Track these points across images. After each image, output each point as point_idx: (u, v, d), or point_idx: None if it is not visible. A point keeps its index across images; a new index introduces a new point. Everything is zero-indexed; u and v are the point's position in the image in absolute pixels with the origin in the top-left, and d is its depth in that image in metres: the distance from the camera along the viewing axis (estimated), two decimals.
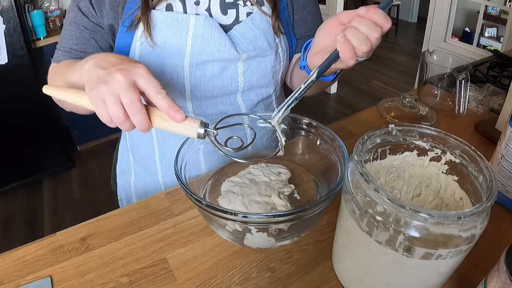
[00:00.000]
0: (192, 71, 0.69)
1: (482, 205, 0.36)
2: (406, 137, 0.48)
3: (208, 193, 0.63)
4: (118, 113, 0.45)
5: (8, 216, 2.15)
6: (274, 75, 0.76)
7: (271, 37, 0.72)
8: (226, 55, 0.69)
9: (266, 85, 0.77)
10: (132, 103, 0.44)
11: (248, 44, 0.70)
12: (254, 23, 0.70)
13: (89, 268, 0.54)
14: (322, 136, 0.62)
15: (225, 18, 0.70)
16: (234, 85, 0.73)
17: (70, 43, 0.69)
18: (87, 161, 2.58)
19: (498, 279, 0.37)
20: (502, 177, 0.60)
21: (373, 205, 0.39)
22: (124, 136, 0.87)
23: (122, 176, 0.89)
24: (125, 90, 0.44)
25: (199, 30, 0.66)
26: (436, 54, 0.93)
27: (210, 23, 0.67)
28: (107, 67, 0.47)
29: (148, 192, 0.83)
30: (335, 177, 0.56)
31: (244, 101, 0.76)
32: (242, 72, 0.72)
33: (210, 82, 0.71)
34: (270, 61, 0.74)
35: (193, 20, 0.66)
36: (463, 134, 0.81)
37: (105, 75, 0.46)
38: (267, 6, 0.71)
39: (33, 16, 2.13)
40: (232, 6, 0.70)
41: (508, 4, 3.00)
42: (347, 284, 0.50)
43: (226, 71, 0.71)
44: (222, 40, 0.68)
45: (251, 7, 0.71)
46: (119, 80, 0.44)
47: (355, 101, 3.37)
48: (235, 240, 0.54)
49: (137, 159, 0.83)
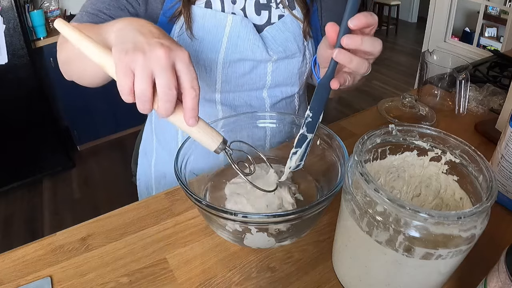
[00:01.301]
0: (225, 68, 0.71)
1: (482, 205, 0.36)
2: (406, 137, 0.48)
3: (208, 193, 0.63)
4: (146, 90, 0.41)
5: (8, 216, 2.15)
6: (300, 76, 0.79)
7: (300, 40, 0.74)
8: (258, 56, 0.71)
9: (292, 84, 0.79)
10: (170, 89, 0.41)
11: (278, 46, 0.72)
12: (285, 26, 0.72)
13: (89, 268, 0.54)
14: (322, 136, 0.62)
15: (259, 18, 0.72)
16: (262, 83, 0.76)
17: (100, 5, 0.64)
18: (87, 161, 2.58)
19: (498, 279, 0.37)
20: (502, 177, 0.60)
21: (373, 205, 0.39)
22: (150, 119, 0.89)
23: (144, 156, 0.92)
24: (165, 70, 0.40)
25: (235, 30, 0.68)
26: (436, 54, 0.93)
27: (246, 23, 0.69)
28: (148, 35, 0.42)
29: (166, 175, 0.85)
30: (335, 177, 0.56)
31: (269, 97, 0.79)
32: (271, 72, 0.75)
33: (240, 78, 0.74)
34: (298, 62, 0.76)
35: (230, 20, 0.68)
36: (463, 134, 0.81)
37: (144, 43, 0.41)
38: (298, 10, 0.73)
39: (33, 16, 2.13)
40: (265, 8, 0.72)
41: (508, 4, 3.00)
42: (347, 284, 0.50)
43: (256, 70, 0.74)
44: (256, 42, 0.70)
45: (283, 10, 0.73)
46: (159, 56, 0.40)
47: (355, 101, 3.37)
48: (235, 240, 0.54)
49: (160, 141, 0.85)
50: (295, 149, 0.53)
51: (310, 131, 0.52)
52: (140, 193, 0.96)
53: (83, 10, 0.66)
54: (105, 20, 0.64)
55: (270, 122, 0.68)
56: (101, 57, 0.43)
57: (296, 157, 0.53)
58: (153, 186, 0.90)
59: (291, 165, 0.54)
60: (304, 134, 0.52)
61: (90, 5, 0.66)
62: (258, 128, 0.68)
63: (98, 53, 0.44)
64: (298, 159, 0.54)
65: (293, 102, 0.84)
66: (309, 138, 0.52)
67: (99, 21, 0.63)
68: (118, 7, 0.66)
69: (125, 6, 0.66)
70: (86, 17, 0.65)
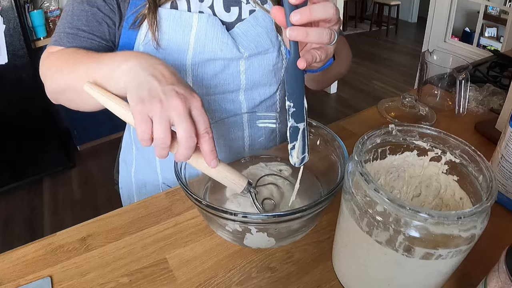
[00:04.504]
0: (194, 69, 0.69)
1: (482, 205, 0.36)
2: (406, 137, 0.48)
3: (208, 193, 0.63)
4: (166, 139, 0.43)
5: (8, 216, 2.15)
6: (276, 73, 0.76)
7: (273, 35, 0.72)
8: (228, 54, 0.68)
9: (269, 84, 0.77)
10: (191, 136, 0.43)
11: (250, 42, 0.70)
12: (257, 21, 0.70)
13: (89, 268, 0.54)
14: (322, 136, 0.62)
15: (228, 15, 0.70)
16: (236, 83, 0.73)
17: (78, 23, 0.63)
18: (87, 161, 2.58)
19: (498, 279, 0.37)
20: (502, 177, 0.60)
21: (373, 205, 0.39)
22: (129, 127, 0.87)
23: (124, 165, 0.90)
24: (184, 119, 0.42)
25: (202, 29, 0.66)
26: (436, 54, 0.93)
27: (213, 21, 0.66)
28: (161, 79, 0.44)
29: (147, 183, 0.84)
30: (335, 177, 0.56)
31: (246, 100, 0.76)
32: (244, 70, 0.72)
33: (212, 80, 0.71)
34: (272, 58, 0.73)
35: (196, 19, 0.66)
36: (463, 134, 0.81)
37: (160, 92, 0.43)
38: (270, 4, 0.71)
39: (33, 16, 2.13)
40: (235, 4, 0.70)
41: (508, 4, 3.00)
42: (347, 284, 0.50)
43: (227, 69, 0.71)
44: (225, 40, 0.67)
45: (254, 5, 0.70)
46: (176, 105, 0.42)
47: (355, 101, 3.37)
48: (235, 240, 0.54)
49: (139, 150, 0.84)
50: (291, 144, 0.50)
51: (299, 120, 0.48)
52: (123, 201, 0.94)
53: (61, 32, 0.63)
54: (86, 38, 0.63)
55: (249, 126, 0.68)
56: (126, 115, 0.47)
57: (295, 151, 0.51)
58: (134, 196, 0.88)
59: (294, 161, 0.51)
60: (293, 126, 0.49)
61: (66, 25, 0.63)
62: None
63: (122, 112, 0.47)
64: (299, 152, 0.51)
65: (275, 105, 0.81)
66: (302, 128, 0.49)
67: (81, 40, 0.63)
68: (96, 21, 0.63)
69: (103, 19, 0.64)
70: (65, 38, 0.63)
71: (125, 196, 0.93)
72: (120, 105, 0.47)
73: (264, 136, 0.74)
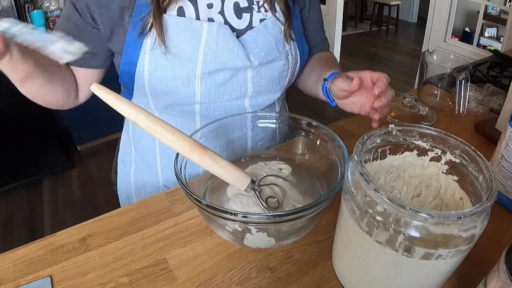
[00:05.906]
0: (204, 78, 0.68)
1: (482, 205, 0.36)
2: (406, 137, 0.48)
3: (208, 193, 0.63)
4: None
5: (8, 216, 2.15)
6: (280, 81, 0.76)
7: (281, 44, 0.72)
8: (239, 64, 0.68)
9: (274, 91, 0.77)
10: None
11: (260, 51, 0.70)
12: (267, 29, 0.70)
13: (89, 268, 0.54)
14: (322, 136, 0.62)
15: (239, 22, 0.69)
16: (243, 91, 0.73)
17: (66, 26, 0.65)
18: (87, 161, 2.58)
19: (498, 279, 0.37)
20: (502, 177, 0.60)
21: (373, 205, 0.39)
22: (127, 128, 0.86)
23: (123, 166, 0.89)
24: None
25: (212, 38, 0.65)
26: (436, 54, 0.93)
27: (224, 30, 0.65)
28: None
29: (146, 184, 0.83)
30: (335, 177, 0.56)
31: (251, 106, 0.76)
32: (251, 78, 0.72)
33: (220, 88, 0.71)
34: (279, 67, 0.73)
35: (205, 28, 0.64)
36: (463, 134, 0.81)
37: None
38: (280, 13, 0.71)
39: (33, 16, 2.13)
40: (246, 10, 0.69)
41: (508, 4, 3.00)
42: (347, 284, 0.50)
43: (235, 77, 0.70)
44: (235, 49, 0.67)
45: (265, 13, 0.70)
46: None
47: None
48: (235, 240, 0.54)
49: (138, 152, 0.83)
50: None
51: None
52: (122, 202, 0.93)
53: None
54: None
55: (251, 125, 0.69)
56: (134, 115, 0.48)
57: None
58: (133, 196, 0.88)
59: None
60: None
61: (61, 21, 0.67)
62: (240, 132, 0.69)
63: (130, 112, 0.48)
64: None
65: (274, 109, 0.82)
66: None
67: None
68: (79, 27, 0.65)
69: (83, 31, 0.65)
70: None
71: (123, 197, 0.92)
72: (128, 105, 0.48)
73: (266, 138, 0.74)
